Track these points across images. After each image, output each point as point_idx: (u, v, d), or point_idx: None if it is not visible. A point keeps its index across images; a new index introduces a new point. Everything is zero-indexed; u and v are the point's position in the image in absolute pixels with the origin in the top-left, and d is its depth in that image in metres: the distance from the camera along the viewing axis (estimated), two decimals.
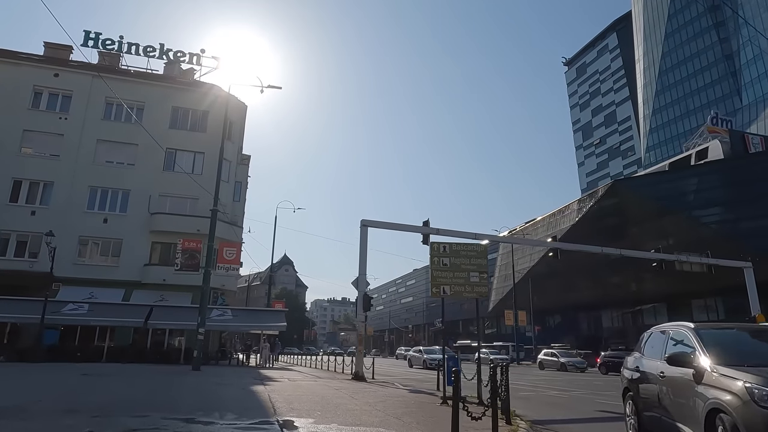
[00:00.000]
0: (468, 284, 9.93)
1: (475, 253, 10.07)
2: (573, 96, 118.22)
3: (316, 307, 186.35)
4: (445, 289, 9.85)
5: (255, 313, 27.35)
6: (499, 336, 73.95)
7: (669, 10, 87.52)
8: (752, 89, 72.46)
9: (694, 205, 45.91)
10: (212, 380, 13.85)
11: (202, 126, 33.14)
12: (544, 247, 49.20)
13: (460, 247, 10.28)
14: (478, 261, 9.99)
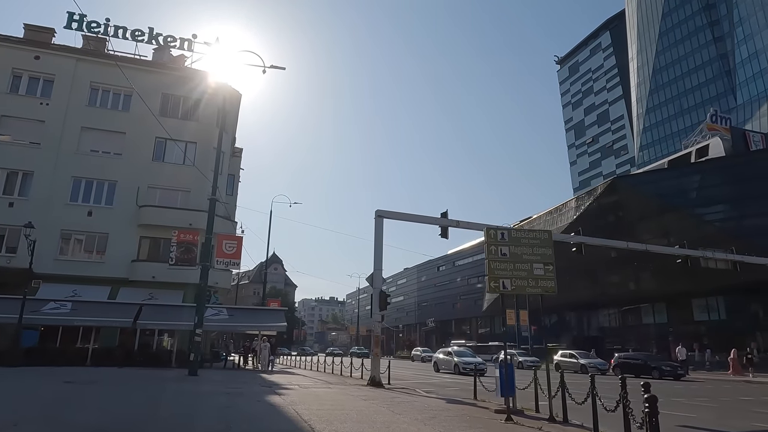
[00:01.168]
0: (532, 278, 8.51)
1: (539, 241, 8.66)
2: (565, 95, 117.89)
3: (304, 306, 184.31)
4: (505, 283, 8.41)
5: (253, 313, 25.58)
6: (493, 336, 72.92)
7: (663, 9, 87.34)
8: (747, 88, 72.38)
9: (696, 202, 45.17)
10: (217, 389, 12.24)
11: (194, 115, 31.28)
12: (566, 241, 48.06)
13: (521, 234, 8.84)
14: (542, 250, 8.58)
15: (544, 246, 8.68)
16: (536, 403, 8.84)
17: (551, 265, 8.73)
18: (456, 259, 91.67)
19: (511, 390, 8.61)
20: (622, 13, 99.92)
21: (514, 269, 8.40)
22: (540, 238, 8.77)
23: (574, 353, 30.64)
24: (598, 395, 6.63)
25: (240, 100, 35.36)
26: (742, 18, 73.97)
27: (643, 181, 52.16)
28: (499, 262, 8.38)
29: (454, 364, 26.51)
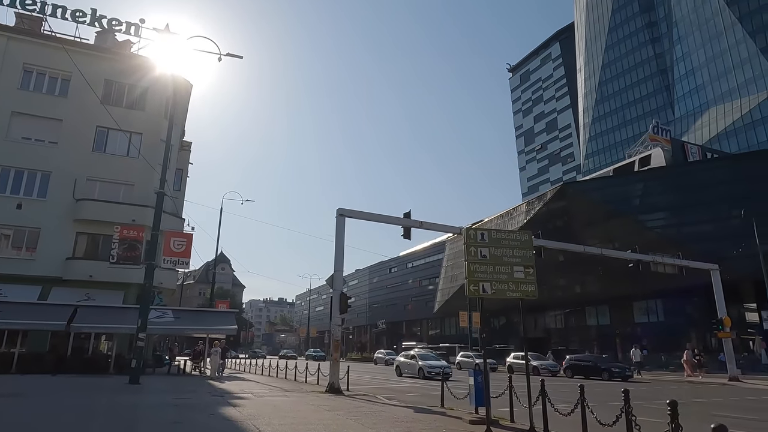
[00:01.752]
0: (512, 281, 8.12)
1: (519, 243, 8.29)
2: (516, 102, 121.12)
3: (252, 307, 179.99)
4: (485, 286, 7.97)
5: (200, 315, 24.03)
6: (443, 338, 73.49)
7: (609, 24, 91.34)
8: (684, 103, 76.73)
9: (639, 209, 47.14)
10: (163, 399, 11.15)
11: (140, 104, 29.39)
12: None
13: (501, 235, 8.45)
14: (522, 253, 8.21)
15: (525, 248, 8.36)
16: (511, 412, 8.47)
17: (531, 268, 8.42)
18: (408, 260, 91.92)
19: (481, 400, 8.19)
20: (571, 26, 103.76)
21: (494, 272, 8.02)
22: (520, 239, 8.44)
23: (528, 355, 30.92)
24: (588, 405, 6.29)
25: (190, 91, 33.68)
26: (681, 36, 78.42)
27: (591, 187, 54.02)
28: (479, 264, 7.96)
29: (419, 368, 25.36)
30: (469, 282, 7.99)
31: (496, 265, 8.04)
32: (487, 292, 8.01)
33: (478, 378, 8.45)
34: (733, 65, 69.05)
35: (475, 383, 8.45)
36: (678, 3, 79.32)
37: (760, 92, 65.29)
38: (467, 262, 8.06)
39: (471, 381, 8.62)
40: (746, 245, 35.70)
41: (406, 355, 27.75)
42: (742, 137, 65.77)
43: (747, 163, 44.22)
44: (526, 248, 8.35)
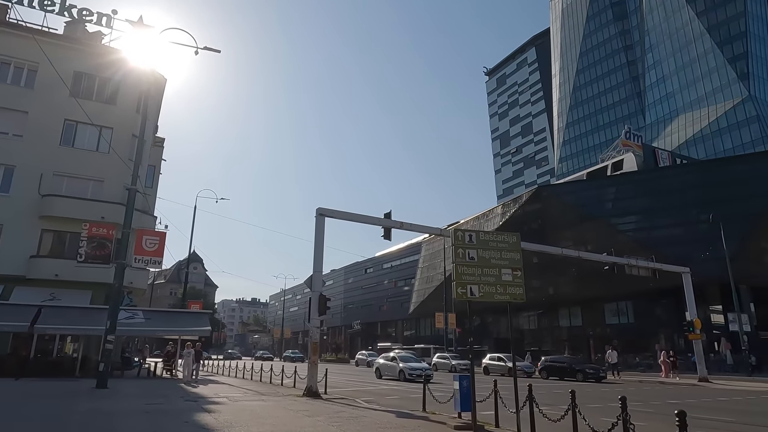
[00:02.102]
0: (500, 284, 7.99)
1: (507, 245, 8.16)
2: (493, 105, 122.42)
3: (224, 308, 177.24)
4: (473, 289, 7.81)
5: (172, 316, 23.26)
6: (418, 338, 73.59)
7: (584, 30, 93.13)
8: (654, 110, 78.75)
9: (611, 212, 48.00)
10: (133, 405, 10.64)
11: (111, 97, 28.41)
12: None
13: (489, 236, 8.32)
14: (510, 255, 8.09)
15: (513, 250, 8.25)
16: (496, 417, 8.32)
17: (519, 271, 8.31)
18: (384, 261, 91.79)
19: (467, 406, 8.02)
20: (547, 31, 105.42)
21: (482, 274, 7.87)
22: (508, 241, 8.33)
23: (502, 356, 31.09)
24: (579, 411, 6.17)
25: (164, 86, 32.75)
26: (652, 45, 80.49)
27: (565, 190, 54.89)
28: (466, 267, 7.81)
29: (399, 370, 24.80)
30: (457, 285, 7.82)
31: (484, 268, 7.91)
32: (475, 295, 7.87)
33: (464, 382, 8.28)
34: (702, 74, 71.20)
35: (460, 388, 8.28)
36: (650, 12, 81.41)
37: (727, 101, 67.47)
38: (455, 264, 7.89)
39: (456, 385, 8.45)
40: (713, 249, 36.74)
41: (386, 357, 27.20)
42: (710, 144, 67.84)
43: (715, 169, 45.54)
44: (514, 250, 8.24)
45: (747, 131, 64.08)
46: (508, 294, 8.23)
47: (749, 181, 40.75)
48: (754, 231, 39.07)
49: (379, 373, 27.01)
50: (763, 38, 68.78)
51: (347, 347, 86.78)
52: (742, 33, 67.27)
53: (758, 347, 39.10)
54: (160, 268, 22.19)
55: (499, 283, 8.07)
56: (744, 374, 30.98)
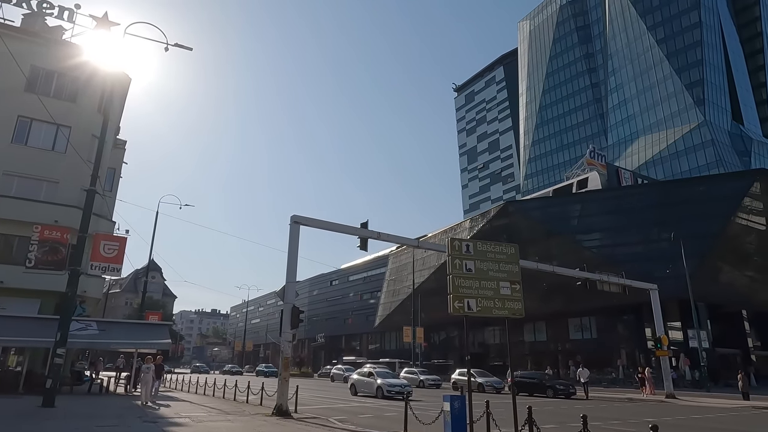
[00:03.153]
0: (498, 297, 7.55)
1: (505, 256, 7.75)
2: (461, 121, 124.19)
3: (182, 318, 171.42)
4: (470, 303, 7.34)
5: (129, 327, 21.70)
6: (383, 352, 72.74)
7: (551, 52, 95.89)
8: (616, 131, 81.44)
9: (577, 229, 48.78)
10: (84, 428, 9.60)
11: (71, 95, 26.89)
12: None
13: (487, 247, 7.88)
14: (508, 267, 7.68)
15: (511, 262, 7.86)
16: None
17: (518, 284, 7.91)
18: (350, 273, 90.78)
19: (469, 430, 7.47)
20: (515, 52, 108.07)
21: (480, 287, 7.43)
22: (506, 252, 7.94)
23: (472, 372, 30.60)
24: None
25: (128, 86, 31.33)
26: (615, 69, 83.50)
27: (532, 206, 55.60)
28: (463, 279, 7.35)
29: (377, 386, 23.46)
30: (454, 298, 7.34)
31: (482, 280, 7.47)
32: (473, 309, 7.41)
33: (455, 404, 7.72)
34: (661, 99, 74.16)
35: (451, 410, 7.71)
36: (613, 38, 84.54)
37: (684, 125, 70.38)
38: (452, 275, 7.43)
39: (446, 407, 7.87)
40: (673, 267, 37.75)
41: (362, 373, 25.93)
42: (668, 166, 70.45)
43: (674, 189, 47.03)
44: (512, 262, 7.86)
45: (702, 155, 66.92)
46: (506, 309, 7.80)
47: (706, 202, 42.19)
48: (711, 251, 40.35)
49: (355, 389, 25.65)
50: (718, 67, 72.39)
51: (310, 361, 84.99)
52: (699, 61, 70.61)
53: (715, 363, 40.27)
54: (119, 276, 20.79)
55: (497, 297, 7.65)
56: (703, 390, 31.63)
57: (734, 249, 43.13)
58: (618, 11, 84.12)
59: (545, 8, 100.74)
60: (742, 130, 72.34)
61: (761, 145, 72.92)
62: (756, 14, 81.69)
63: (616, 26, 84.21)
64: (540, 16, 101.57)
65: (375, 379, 23.99)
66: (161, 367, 19.56)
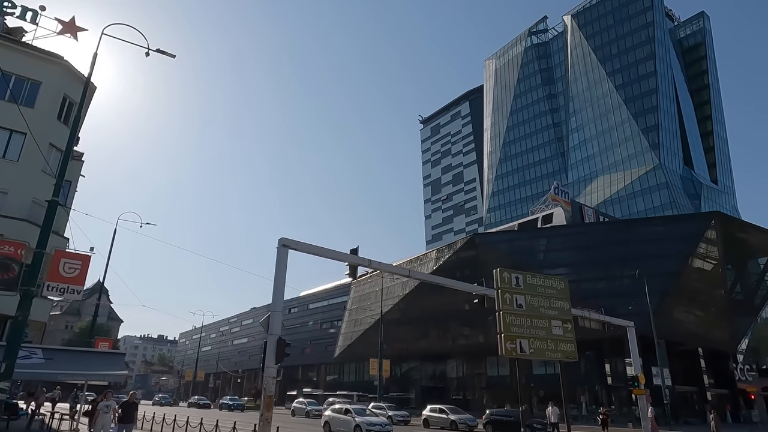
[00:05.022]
0: (551, 338, 6.81)
1: (556, 291, 7.08)
2: (426, 153, 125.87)
3: (126, 344, 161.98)
4: (523, 345, 6.56)
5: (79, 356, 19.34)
6: (341, 384, 70.44)
7: (515, 91, 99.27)
8: (576, 170, 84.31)
9: (542, 263, 49.13)
10: None
11: (29, 98, 24.99)
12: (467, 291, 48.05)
13: (536, 280, 7.19)
14: (559, 304, 6.99)
15: (562, 298, 7.20)
16: None
17: (570, 324, 7.22)
18: (310, 301, 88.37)
19: None
20: (480, 88, 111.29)
21: (532, 326, 6.70)
22: (556, 287, 7.28)
23: (444, 408, 29.60)
24: None
25: (93, 94, 29.53)
26: (575, 110, 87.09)
27: (498, 239, 55.97)
28: (515, 316, 6.60)
29: (355, 425, 22.04)
30: (506, 338, 6.59)
31: (534, 318, 6.76)
32: (525, 351, 6.69)
33: None
34: (618, 141, 77.56)
35: None
36: (575, 81, 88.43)
37: (640, 167, 73.58)
38: (502, 312, 6.67)
39: None
40: (636, 303, 38.34)
41: (337, 410, 24.12)
42: (625, 205, 73.16)
43: (637, 228, 48.43)
44: (563, 298, 7.22)
45: (657, 196, 69.96)
46: (559, 351, 7.12)
47: (666, 241, 43.54)
48: (670, 289, 41.38)
49: (329, 427, 23.92)
50: (671, 114, 76.71)
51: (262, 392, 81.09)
52: (654, 108, 74.62)
53: (675, 400, 40.78)
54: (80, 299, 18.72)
55: (549, 337, 6.95)
56: (667, 428, 31.76)
57: (691, 287, 44.48)
58: (579, 56, 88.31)
59: (510, 49, 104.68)
60: (693, 175, 76.39)
61: (710, 189, 77.11)
62: (703, 68, 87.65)
63: (577, 70, 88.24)
64: (505, 56, 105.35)
65: (353, 417, 22.45)
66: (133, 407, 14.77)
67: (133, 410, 14.79)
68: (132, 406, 14.85)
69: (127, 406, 14.68)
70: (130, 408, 14.73)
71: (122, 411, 14.51)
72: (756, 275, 49.00)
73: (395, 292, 60.60)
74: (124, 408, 14.57)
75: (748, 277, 49.10)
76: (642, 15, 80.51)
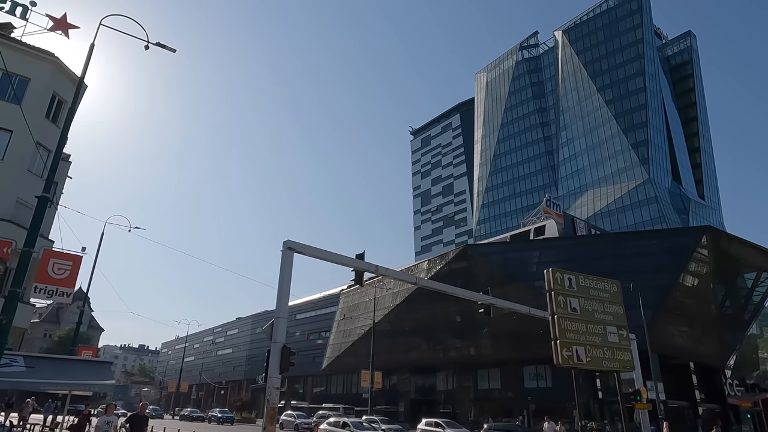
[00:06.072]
0: (607, 346, 6.26)
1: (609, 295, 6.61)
2: (416, 164, 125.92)
3: (105, 354, 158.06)
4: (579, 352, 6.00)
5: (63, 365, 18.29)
6: (327, 397, 69.15)
7: (506, 104, 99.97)
8: (566, 183, 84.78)
9: (535, 275, 48.74)
10: None
11: (16, 96, 24.13)
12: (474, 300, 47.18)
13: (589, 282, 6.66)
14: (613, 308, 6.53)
15: (615, 302, 6.71)
16: None
17: (625, 330, 6.72)
18: (297, 311, 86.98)
19: None
20: (471, 101, 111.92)
21: (587, 332, 6.16)
22: (609, 290, 6.78)
23: (440, 422, 28.81)
24: None
25: (83, 93, 28.67)
26: (566, 124, 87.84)
27: (491, 250, 55.61)
28: (570, 321, 6.06)
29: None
30: (562, 345, 6.06)
31: (589, 323, 6.24)
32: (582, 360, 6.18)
33: None
34: (609, 155, 78.24)
35: None
36: (565, 95, 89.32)
37: (630, 181, 74.16)
38: (557, 316, 6.15)
39: None
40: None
41: (334, 423, 23.26)
42: (615, 219, 73.55)
43: (629, 241, 48.47)
44: (616, 302, 6.73)
45: (647, 210, 70.50)
46: (616, 360, 6.63)
47: (658, 255, 43.54)
48: (662, 302, 41.28)
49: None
50: (660, 130, 77.70)
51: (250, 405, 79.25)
52: (644, 123, 75.56)
53: (669, 415, 40.46)
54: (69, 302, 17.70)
55: (606, 345, 6.44)
56: None
57: (683, 301, 44.46)
58: (570, 71, 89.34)
59: (502, 62, 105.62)
60: (681, 190, 77.25)
61: (698, 204, 78.00)
62: (690, 85, 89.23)
63: (568, 85, 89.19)
64: (496, 70, 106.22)
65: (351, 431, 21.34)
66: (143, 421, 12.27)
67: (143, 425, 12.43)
68: (142, 420, 12.49)
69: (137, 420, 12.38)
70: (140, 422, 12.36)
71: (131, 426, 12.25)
72: (745, 290, 49.29)
73: (385, 303, 59.81)
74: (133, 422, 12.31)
75: (737, 292, 49.37)
76: (632, 32, 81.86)
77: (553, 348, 6.17)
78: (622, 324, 6.76)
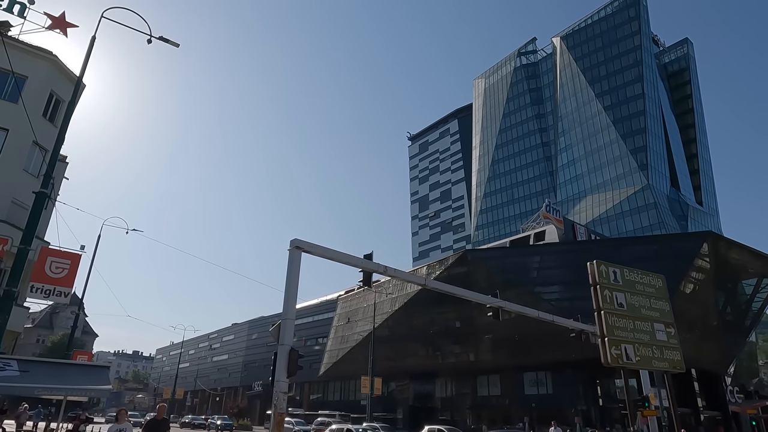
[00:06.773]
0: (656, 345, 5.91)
1: (654, 290, 6.30)
2: (414, 169, 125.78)
3: (99, 359, 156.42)
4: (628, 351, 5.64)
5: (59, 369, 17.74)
6: (324, 404, 68.33)
7: (504, 110, 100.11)
8: (564, 189, 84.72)
9: (535, 281, 48.53)
10: None
11: (12, 94, 23.78)
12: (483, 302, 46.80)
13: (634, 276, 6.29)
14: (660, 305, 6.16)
15: (661, 298, 6.36)
16: None
17: (673, 328, 6.35)
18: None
19: None
20: (469, 106, 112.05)
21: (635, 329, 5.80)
22: (655, 285, 6.43)
23: (443, 429, 28.32)
24: None
25: (81, 92, 28.26)
26: (564, 130, 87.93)
27: (490, 255, 55.19)
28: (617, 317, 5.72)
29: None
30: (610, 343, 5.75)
31: (636, 320, 5.89)
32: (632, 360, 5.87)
33: None
34: (607, 161, 78.26)
35: None
36: (563, 101, 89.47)
37: (629, 187, 74.13)
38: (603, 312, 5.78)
39: None
40: None
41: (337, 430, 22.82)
42: (614, 225, 73.42)
43: (630, 246, 48.21)
44: (662, 298, 6.38)
45: (646, 216, 70.41)
46: (666, 360, 6.31)
47: (659, 260, 43.20)
48: None
49: None
50: (658, 136, 77.83)
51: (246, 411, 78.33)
52: (642, 129, 75.68)
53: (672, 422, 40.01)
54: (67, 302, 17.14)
55: (654, 343, 6.11)
56: None
57: (685, 307, 44.09)
58: (568, 77, 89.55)
59: (500, 69, 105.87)
60: (680, 196, 77.30)
61: (696, 211, 78.04)
62: (687, 92, 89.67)
63: (566, 91, 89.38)
64: (494, 76, 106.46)
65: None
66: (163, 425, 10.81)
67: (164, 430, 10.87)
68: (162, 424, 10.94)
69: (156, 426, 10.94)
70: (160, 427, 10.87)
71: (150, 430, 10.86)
72: (745, 297, 49.11)
73: (384, 308, 59.27)
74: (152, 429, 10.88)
75: (738, 298, 49.19)
76: (630, 39, 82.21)
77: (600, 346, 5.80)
78: (670, 321, 6.38)
